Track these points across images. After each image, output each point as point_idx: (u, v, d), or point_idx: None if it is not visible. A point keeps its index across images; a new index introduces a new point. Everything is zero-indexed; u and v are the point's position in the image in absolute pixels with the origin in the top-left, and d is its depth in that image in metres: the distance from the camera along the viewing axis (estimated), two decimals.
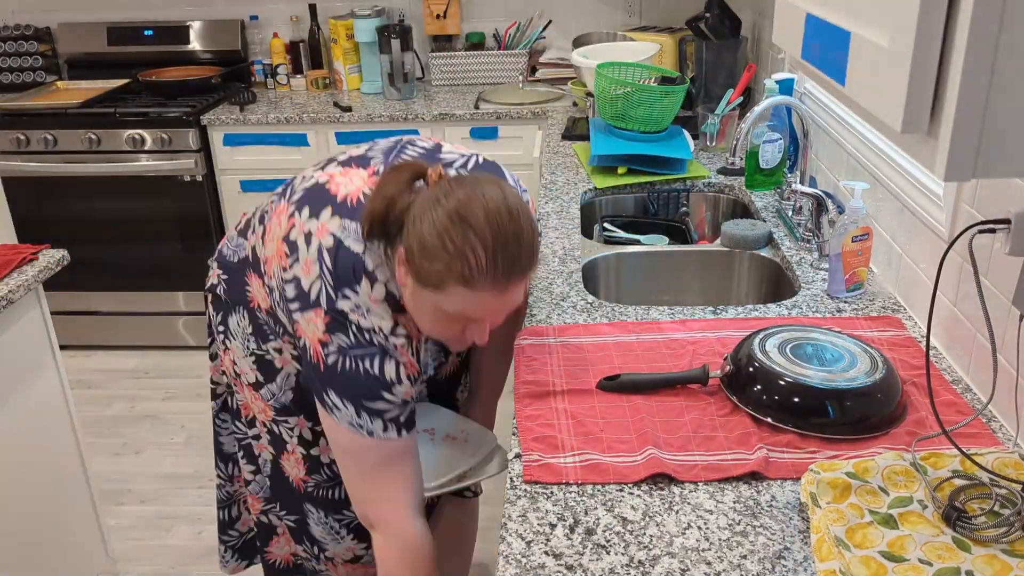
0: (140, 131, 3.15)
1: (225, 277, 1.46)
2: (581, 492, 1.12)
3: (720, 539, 1.03)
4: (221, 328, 1.49)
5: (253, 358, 1.43)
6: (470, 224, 1.08)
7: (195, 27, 3.59)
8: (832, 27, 0.87)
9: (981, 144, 0.67)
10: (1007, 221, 1.11)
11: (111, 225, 3.30)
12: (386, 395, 1.21)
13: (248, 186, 3.25)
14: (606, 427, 1.24)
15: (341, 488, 1.51)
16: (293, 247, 1.24)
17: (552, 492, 1.12)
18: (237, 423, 1.56)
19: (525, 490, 1.13)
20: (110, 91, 3.38)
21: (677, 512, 1.08)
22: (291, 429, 1.46)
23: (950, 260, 1.38)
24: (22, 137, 3.18)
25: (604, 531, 1.05)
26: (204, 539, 2.47)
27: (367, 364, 1.20)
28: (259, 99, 3.40)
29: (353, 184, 1.27)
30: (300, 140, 3.18)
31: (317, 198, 1.26)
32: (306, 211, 1.25)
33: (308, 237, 1.23)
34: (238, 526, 1.76)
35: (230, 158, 3.22)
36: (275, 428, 1.47)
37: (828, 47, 0.88)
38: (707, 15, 2.77)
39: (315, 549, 1.55)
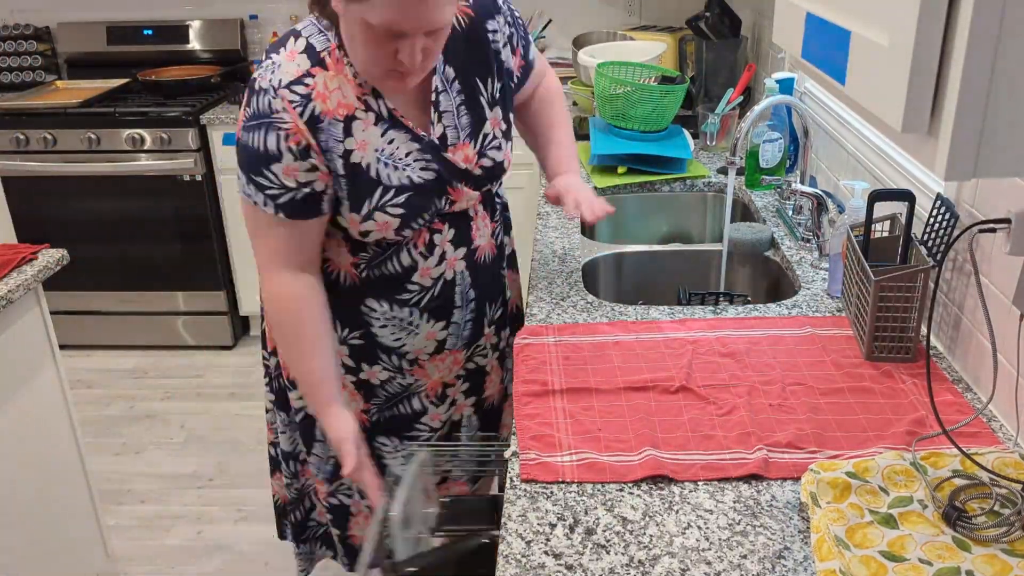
0: (140, 131, 3.15)
1: None
2: (581, 492, 1.12)
3: (720, 539, 1.03)
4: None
5: None
6: None
7: (195, 26, 3.58)
8: (832, 26, 0.87)
9: (981, 143, 0.67)
10: (1007, 221, 1.11)
11: (111, 225, 3.30)
12: (266, 171, 1.30)
13: None
14: (604, 426, 1.24)
15: (404, 403, 1.57)
16: None
17: (552, 492, 1.12)
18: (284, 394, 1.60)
19: (525, 490, 1.13)
20: (110, 91, 3.38)
21: (677, 512, 1.08)
22: None
23: (950, 259, 1.38)
24: (22, 137, 3.18)
25: (604, 531, 1.05)
26: (204, 539, 2.47)
27: (255, 137, 1.30)
28: None
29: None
30: None
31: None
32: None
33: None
34: (315, 516, 1.75)
35: (230, 158, 3.22)
36: None
37: (828, 46, 0.88)
38: (707, 14, 2.77)
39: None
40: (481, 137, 1.45)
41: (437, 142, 1.39)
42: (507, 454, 1.21)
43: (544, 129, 1.67)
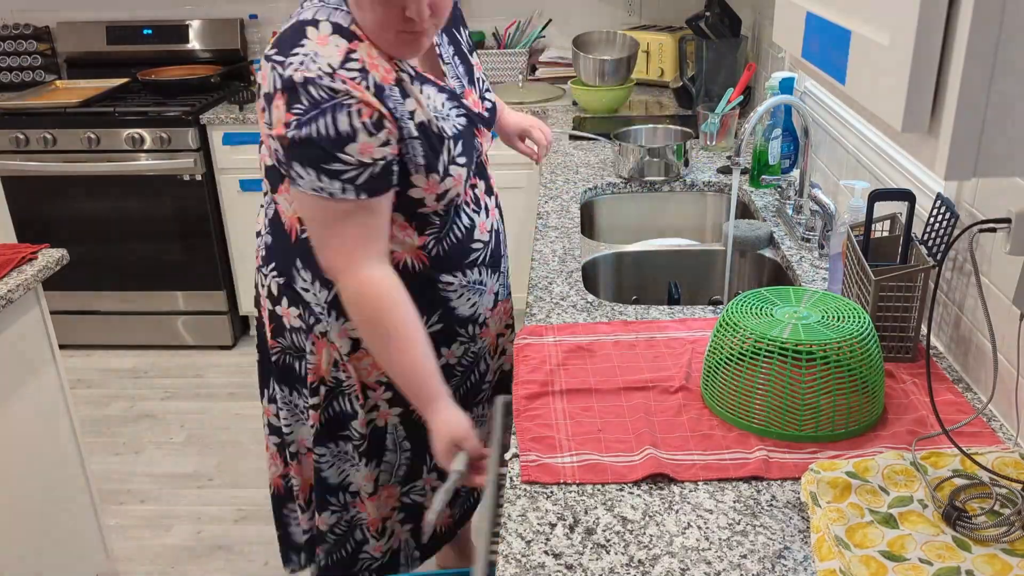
0: (139, 130, 3.15)
1: (274, 273, 1.49)
2: (581, 492, 1.12)
3: (720, 539, 1.03)
4: (312, 320, 1.47)
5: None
6: None
7: (194, 26, 3.58)
8: (832, 26, 0.87)
9: (981, 143, 0.67)
10: (1007, 220, 1.11)
11: (110, 224, 3.30)
12: (340, 154, 1.27)
13: (247, 185, 3.25)
14: (604, 427, 1.24)
15: (474, 372, 1.61)
16: (259, 88, 1.34)
17: (552, 492, 1.12)
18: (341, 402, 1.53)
19: (525, 490, 1.13)
20: (109, 90, 3.38)
21: (677, 512, 1.08)
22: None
23: (950, 259, 1.38)
24: (21, 136, 3.18)
25: (604, 531, 1.05)
26: (204, 539, 2.47)
27: (320, 125, 1.25)
28: (255, 98, 3.39)
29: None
30: None
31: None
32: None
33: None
34: (368, 550, 1.66)
35: (229, 157, 3.22)
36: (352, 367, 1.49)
37: (828, 46, 0.88)
38: (707, 14, 2.77)
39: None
40: (476, 82, 1.53)
41: (456, 90, 1.45)
42: (507, 456, 1.21)
43: None
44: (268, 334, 1.56)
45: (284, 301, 1.49)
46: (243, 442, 2.90)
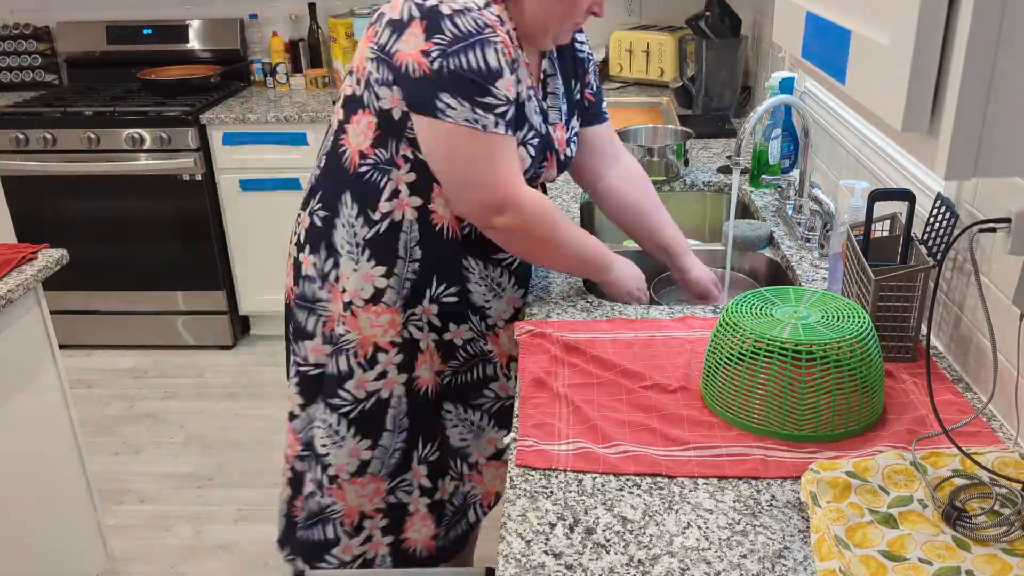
0: (139, 130, 3.15)
1: (318, 205, 1.50)
2: (581, 491, 1.12)
3: (720, 538, 1.03)
4: (330, 266, 1.49)
5: (371, 247, 1.46)
6: None
7: (194, 26, 3.58)
8: (832, 26, 0.87)
9: (982, 142, 0.67)
10: (1007, 220, 1.11)
11: (110, 224, 3.30)
12: (492, 88, 1.30)
13: (247, 185, 3.25)
14: (602, 418, 1.24)
15: (478, 368, 1.60)
16: (379, 16, 1.36)
17: (552, 491, 1.12)
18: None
19: (525, 489, 1.13)
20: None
21: (677, 511, 1.08)
22: (419, 322, 1.51)
23: (950, 259, 1.38)
24: (21, 136, 3.18)
25: (604, 530, 1.05)
26: (204, 539, 2.47)
27: (471, 58, 1.28)
28: (254, 98, 3.39)
29: None
30: (299, 139, 3.18)
31: None
32: None
33: None
34: (336, 553, 1.62)
35: (229, 157, 3.22)
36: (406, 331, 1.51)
37: (828, 46, 0.88)
38: (707, 14, 2.77)
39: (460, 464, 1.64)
40: (570, 127, 1.56)
41: (550, 115, 1.50)
42: (507, 439, 1.22)
43: (651, 209, 1.71)
44: (289, 284, 1.58)
45: (307, 248, 1.52)
46: (243, 442, 2.90)
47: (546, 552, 1.02)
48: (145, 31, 3.59)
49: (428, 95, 1.30)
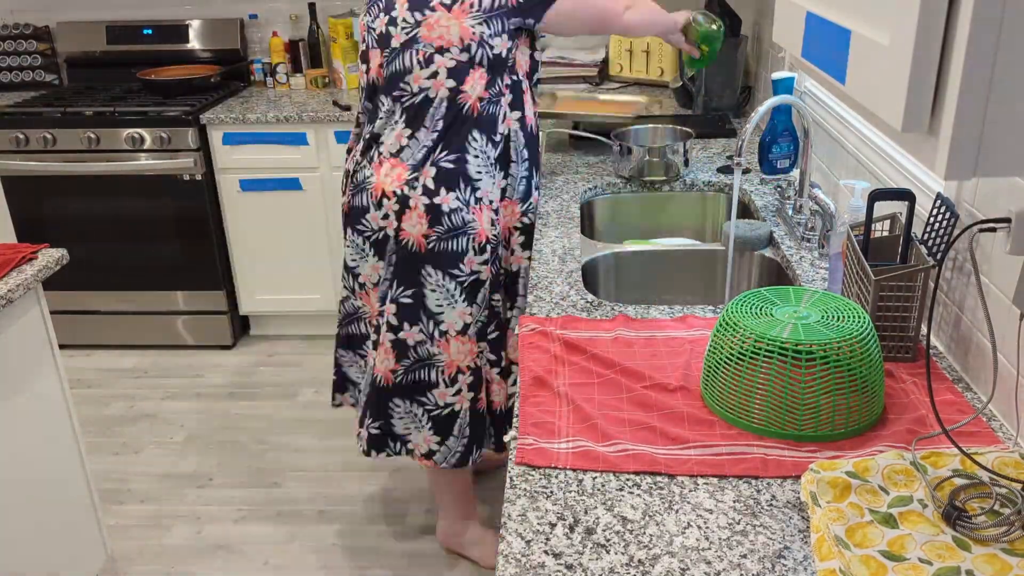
0: (139, 130, 3.15)
1: (443, 154, 1.88)
2: (581, 491, 1.12)
3: (720, 538, 1.03)
4: (469, 192, 1.90)
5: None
6: None
7: (194, 26, 3.58)
8: (832, 25, 0.87)
9: (981, 143, 0.67)
10: (1007, 220, 1.11)
11: (110, 224, 3.30)
12: None
13: (247, 185, 3.25)
14: (602, 417, 1.24)
15: (425, 371, 1.98)
16: None
17: (552, 491, 1.12)
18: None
19: (525, 489, 1.13)
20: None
21: (677, 511, 1.08)
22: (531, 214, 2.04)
23: (950, 259, 1.38)
24: (21, 136, 3.18)
25: (604, 530, 1.05)
26: (204, 538, 2.47)
27: None
28: (254, 98, 3.39)
29: None
30: (299, 139, 3.18)
31: None
32: None
33: None
34: (435, 395, 2.01)
35: (229, 157, 3.22)
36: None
37: (829, 45, 0.88)
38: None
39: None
40: None
41: None
42: (507, 438, 1.22)
43: None
44: (423, 226, 1.89)
45: (442, 190, 1.87)
46: (243, 442, 2.90)
47: (546, 552, 1.02)
48: (145, 31, 3.59)
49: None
